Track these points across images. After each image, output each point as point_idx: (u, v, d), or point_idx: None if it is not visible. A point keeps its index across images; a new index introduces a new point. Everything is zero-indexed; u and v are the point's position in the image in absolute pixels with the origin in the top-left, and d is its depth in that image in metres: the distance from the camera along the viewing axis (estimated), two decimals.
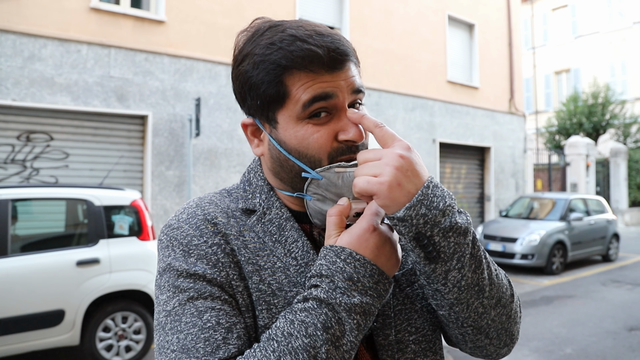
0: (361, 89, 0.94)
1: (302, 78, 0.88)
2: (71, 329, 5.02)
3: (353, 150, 0.92)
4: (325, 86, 0.89)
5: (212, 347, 0.81)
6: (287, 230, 0.96)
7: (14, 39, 8.32)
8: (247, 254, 0.92)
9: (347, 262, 0.83)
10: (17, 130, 8.54)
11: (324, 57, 0.87)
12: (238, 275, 0.89)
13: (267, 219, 0.97)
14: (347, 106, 0.92)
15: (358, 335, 0.81)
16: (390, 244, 0.87)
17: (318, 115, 0.90)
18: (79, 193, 5.40)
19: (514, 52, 17.60)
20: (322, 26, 0.93)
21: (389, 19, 13.95)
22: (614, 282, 10.20)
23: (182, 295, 0.86)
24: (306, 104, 0.89)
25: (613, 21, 28.91)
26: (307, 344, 0.78)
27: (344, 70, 0.91)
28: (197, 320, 0.83)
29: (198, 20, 10.29)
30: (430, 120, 14.83)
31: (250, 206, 0.99)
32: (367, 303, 0.82)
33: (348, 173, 0.90)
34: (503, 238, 11.36)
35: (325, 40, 0.88)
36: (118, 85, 9.29)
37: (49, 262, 4.99)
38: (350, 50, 0.93)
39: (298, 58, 0.87)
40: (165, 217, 9.61)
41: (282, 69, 0.88)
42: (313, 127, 0.90)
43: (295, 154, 0.92)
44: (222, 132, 10.46)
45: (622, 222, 21.50)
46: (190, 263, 0.88)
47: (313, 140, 0.90)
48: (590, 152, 20.11)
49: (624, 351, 6.04)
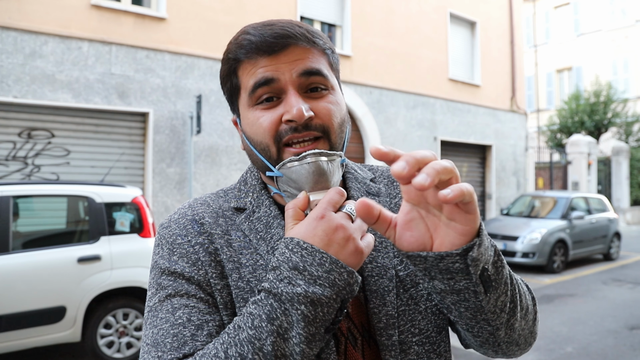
0: (315, 72, 0.92)
1: (247, 67, 0.93)
2: (72, 325, 5.03)
3: (297, 129, 0.90)
4: (264, 70, 0.90)
5: (179, 342, 0.83)
6: (274, 227, 0.96)
7: (15, 36, 8.31)
8: (229, 252, 0.93)
9: (294, 251, 0.79)
10: (19, 127, 8.54)
11: (261, 43, 0.90)
12: (218, 274, 0.91)
13: (256, 216, 0.98)
14: (297, 89, 0.91)
15: (307, 326, 0.76)
16: (343, 231, 0.80)
17: (270, 101, 0.92)
18: (80, 190, 5.39)
19: (515, 50, 17.57)
20: (284, 20, 0.95)
21: (391, 16, 13.93)
22: (615, 281, 10.19)
23: (162, 292, 0.90)
24: (250, 90, 0.92)
25: (615, 19, 28.82)
26: (252, 335, 0.77)
27: (285, 53, 0.91)
28: (170, 317, 0.86)
29: (199, 17, 10.28)
30: (431, 118, 14.82)
31: (241, 205, 1.00)
32: (314, 292, 0.76)
33: (298, 167, 0.88)
34: (504, 236, 11.34)
35: (267, 29, 0.91)
36: (119, 82, 9.28)
37: (50, 259, 4.99)
38: (299, 34, 0.91)
39: (241, 49, 0.92)
40: (166, 215, 9.61)
41: (233, 61, 0.94)
42: (260, 112, 0.92)
43: (252, 143, 0.95)
44: (223, 130, 10.45)
45: (623, 221, 21.47)
46: (172, 261, 0.92)
47: (258, 125, 0.92)
48: (591, 150, 20.08)
49: (625, 350, 6.03)
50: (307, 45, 0.93)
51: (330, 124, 0.92)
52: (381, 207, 0.81)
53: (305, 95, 0.92)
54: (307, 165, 0.88)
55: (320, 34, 0.97)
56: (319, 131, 0.91)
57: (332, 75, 0.97)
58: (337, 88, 0.99)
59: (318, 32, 0.97)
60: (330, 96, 0.94)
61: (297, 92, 0.91)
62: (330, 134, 0.92)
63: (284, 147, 0.91)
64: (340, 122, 0.95)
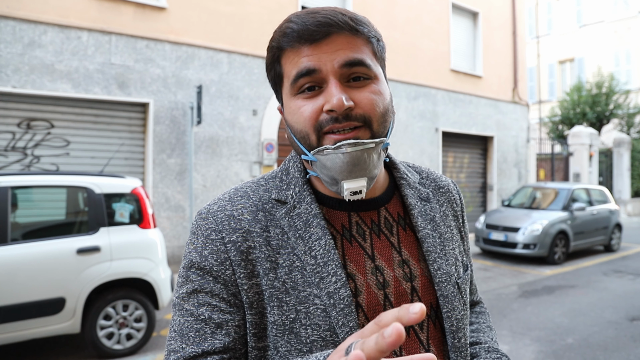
0: (358, 62, 0.92)
1: (290, 55, 0.93)
2: (72, 317, 5.02)
3: (337, 120, 0.90)
4: (306, 60, 0.91)
5: (200, 338, 0.89)
6: (314, 227, 0.96)
7: (13, 25, 8.26)
8: (267, 252, 0.94)
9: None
10: (18, 117, 8.50)
11: (303, 31, 0.90)
12: (247, 274, 0.93)
13: (296, 212, 0.98)
14: (338, 78, 0.91)
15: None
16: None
17: (312, 89, 0.92)
18: (80, 181, 5.36)
19: (517, 41, 17.48)
20: (328, 8, 0.94)
21: (392, 7, 13.85)
22: (616, 272, 10.18)
23: (190, 285, 0.94)
24: (293, 80, 0.93)
25: (618, 10, 28.68)
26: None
27: (327, 42, 0.91)
28: (195, 311, 0.91)
29: (200, 7, 10.21)
30: (433, 109, 14.77)
31: (282, 197, 1.00)
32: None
33: (333, 155, 0.90)
34: (505, 228, 11.33)
35: (311, 17, 0.91)
36: (119, 73, 9.23)
37: (49, 250, 4.97)
38: (342, 22, 0.91)
39: (284, 37, 0.92)
40: (166, 205, 9.60)
41: (277, 49, 0.94)
42: (302, 101, 0.93)
43: (293, 131, 0.96)
44: (224, 120, 10.41)
45: (624, 213, 21.47)
46: (203, 256, 0.94)
47: (299, 114, 0.93)
48: (593, 142, 20.04)
49: (625, 341, 6.03)
50: (350, 33, 0.92)
51: (373, 113, 0.92)
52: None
53: (346, 85, 0.92)
54: (342, 155, 0.89)
55: (366, 22, 0.97)
56: (359, 121, 0.91)
57: (376, 64, 0.97)
58: (382, 77, 0.98)
59: (363, 19, 0.96)
60: (373, 85, 0.94)
61: (338, 81, 0.91)
62: (372, 123, 0.92)
63: (324, 134, 0.92)
64: (383, 111, 0.94)
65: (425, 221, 1.05)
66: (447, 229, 1.09)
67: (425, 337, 0.99)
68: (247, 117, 10.69)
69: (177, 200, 9.74)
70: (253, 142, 10.77)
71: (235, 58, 10.60)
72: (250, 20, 10.73)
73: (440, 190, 1.14)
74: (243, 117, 10.64)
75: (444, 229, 1.08)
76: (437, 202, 1.11)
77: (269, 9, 10.96)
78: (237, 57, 10.62)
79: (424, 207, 1.07)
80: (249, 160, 10.70)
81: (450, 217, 1.12)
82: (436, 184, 1.15)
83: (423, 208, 1.07)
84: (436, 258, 1.02)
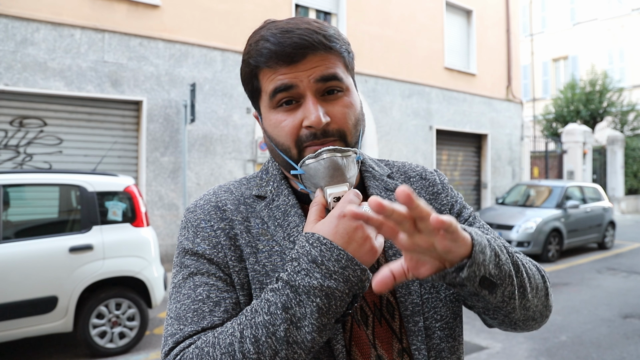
0: (331, 77, 0.98)
1: (267, 73, 0.99)
2: (64, 315, 5.00)
3: (316, 136, 0.97)
4: (284, 78, 0.96)
5: (199, 317, 0.92)
6: (291, 215, 1.03)
7: (5, 23, 8.21)
8: (248, 238, 1.01)
9: (314, 245, 0.86)
10: (10, 115, 8.45)
11: (280, 53, 0.95)
12: (237, 257, 0.99)
13: (275, 205, 1.05)
14: (314, 94, 0.97)
15: (320, 318, 0.83)
16: (362, 230, 0.87)
17: (289, 103, 0.98)
18: (72, 179, 5.34)
19: (511, 38, 17.51)
20: (300, 22, 0.99)
21: (386, 4, 13.84)
22: (609, 270, 10.23)
23: (185, 270, 0.99)
24: (271, 95, 0.98)
25: (611, 8, 28.79)
26: (267, 320, 0.84)
27: (303, 62, 0.96)
28: (192, 293, 0.95)
29: (193, 4, 10.18)
30: (427, 107, 14.77)
31: (262, 193, 1.08)
32: (329, 287, 0.83)
33: (315, 163, 0.96)
34: (499, 225, 11.36)
35: (287, 36, 0.95)
36: (112, 71, 9.19)
37: (42, 249, 4.95)
38: (317, 42, 0.96)
39: (261, 57, 0.97)
40: (160, 204, 9.58)
41: (254, 67, 1.00)
42: (282, 115, 0.99)
43: (274, 143, 1.02)
44: (218, 118, 10.39)
45: (618, 210, 21.55)
46: (195, 243, 1.00)
47: (280, 128, 1.00)
48: (587, 139, 20.10)
49: (618, 338, 6.05)
50: (324, 52, 0.98)
51: (346, 127, 1.00)
52: (399, 263, 0.85)
53: (322, 99, 0.99)
54: (323, 161, 0.95)
55: (336, 36, 1.02)
56: (335, 136, 0.98)
57: (347, 75, 1.04)
58: (352, 87, 1.05)
59: (334, 34, 1.01)
60: (345, 98, 1.01)
61: (314, 97, 0.97)
62: (346, 136, 1.00)
63: (305, 148, 0.99)
64: (355, 122, 1.02)
65: None
66: None
67: (372, 332, 1.01)
68: (241, 115, 10.67)
69: (170, 199, 9.71)
70: (247, 140, 10.74)
71: (228, 56, 10.57)
72: (244, 18, 10.70)
73: (411, 180, 1.18)
74: (237, 115, 10.62)
75: None
76: None
77: (263, 7, 10.93)
78: (230, 55, 10.59)
79: (389, 196, 1.10)
80: (242, 158, 10.68)
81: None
82: (406, 175, 1.19)
83: (388, 198, 1.10)
84: (393, 244, 1.04)
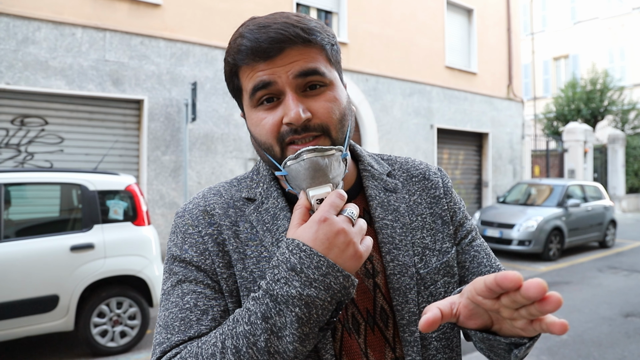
0: (311, 72, 0.93)
1: (246, 71, 0.95)
2: (65, 314, 5.00)
3: (297, 131, 0.92)
4: (262, 75, 0.92)
5: (186, 326, 0.90)
6: (280, 219, 0.99)
7: (7, 22, 8.21)
8: (236, 244, 0.98)
9: (293, 252, 0.82)
10: (11, 114, 8.46)
11: (256, 49, 0.91)
12: (225, 264, 0.96)
13: (264, 207, 1.01)
14: (294, 90, 0.93)
15: (301, 327, 0.80)
16: (344, 235, 0.83)
17: (270, 101, 0.94)
18: (73, 178, 5.34)
19: (512, 37, 17.50)
20: (279, 16, 0.95)
21: (388, 3, 13.83)
22: (610, 269, 10.22)
23: (174, 277, 0.97)
24: (251, 93, 0.95)
25: (612, 7, 28.76)
26: (248, 330, 0.82)
27: (280, 57, 0.92)
28: (179, 301, 0.93)
29: (194, 3, 10.18)
30: (428, 105, 14.77)
31: (252, 195, 1.04)
32: (309, 295, 0.80)
33: (296, 165, 0.91)
34: (500, 224, 11.35)
35: (263, 32, 0.91)
36: (113, 69, 9.19)
37: (43, 247, 4.95)
38: (294, 36, 0.91)
39: (239, 54, 0.94)
40: (161, 202, 9.58)
41: (233, 66, 0.97)
42: (263, 113, 0.95)
43: (258, 142, 0.98)
44: (219, 117, 10.39)
45: (619, 209, 21.54)
46: (183, 250, 0.98)
47: (261, 127, 0.95)
48: (588, 138, 20.09)
49: (619, 337, 6.05)
50: (303, 45, 0.93)
51: (330, 121, 0.94)
52: (449, 304, 0.81)
53: (303, 95, 0.93)
54: (303, 162, 0.90)
55: (318, 29, 0.96)
56: (317, 131, 0.93)
57: (331, 70, 0.98)
58: (337, 81, 0.99)
59: (315, 27, 0.96)
60: (328, 93, 0.96)
61: (294, 93, 0.92)
62: (330, 131, 0.94)
63: (287, 145, 0.94)
64: (340, 117, 0.96)
65: (386, 212, 1.04)
66: (417, 217, 1.07)
67: (363, 341, 0.98)
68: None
69: (171, 197, 9.71)
70: (248, 139, 10.73)
71: None
72: (245, 17, 10.44)
73: (412, 179, 1.13)
74: (238, 114, 10.61)
75: (411, 219, 1.06)
76: (408, 192, 1.10)
77: (264, 5, 10.92)
78: None
79: (388, 197, 1.06)
80: (243, 157, 10.68)
81: (424, 204, 1.10)
82: (409, 174, 1.14)
83: (387, 199, 1.06)
84: (391, 249, 1.01)
